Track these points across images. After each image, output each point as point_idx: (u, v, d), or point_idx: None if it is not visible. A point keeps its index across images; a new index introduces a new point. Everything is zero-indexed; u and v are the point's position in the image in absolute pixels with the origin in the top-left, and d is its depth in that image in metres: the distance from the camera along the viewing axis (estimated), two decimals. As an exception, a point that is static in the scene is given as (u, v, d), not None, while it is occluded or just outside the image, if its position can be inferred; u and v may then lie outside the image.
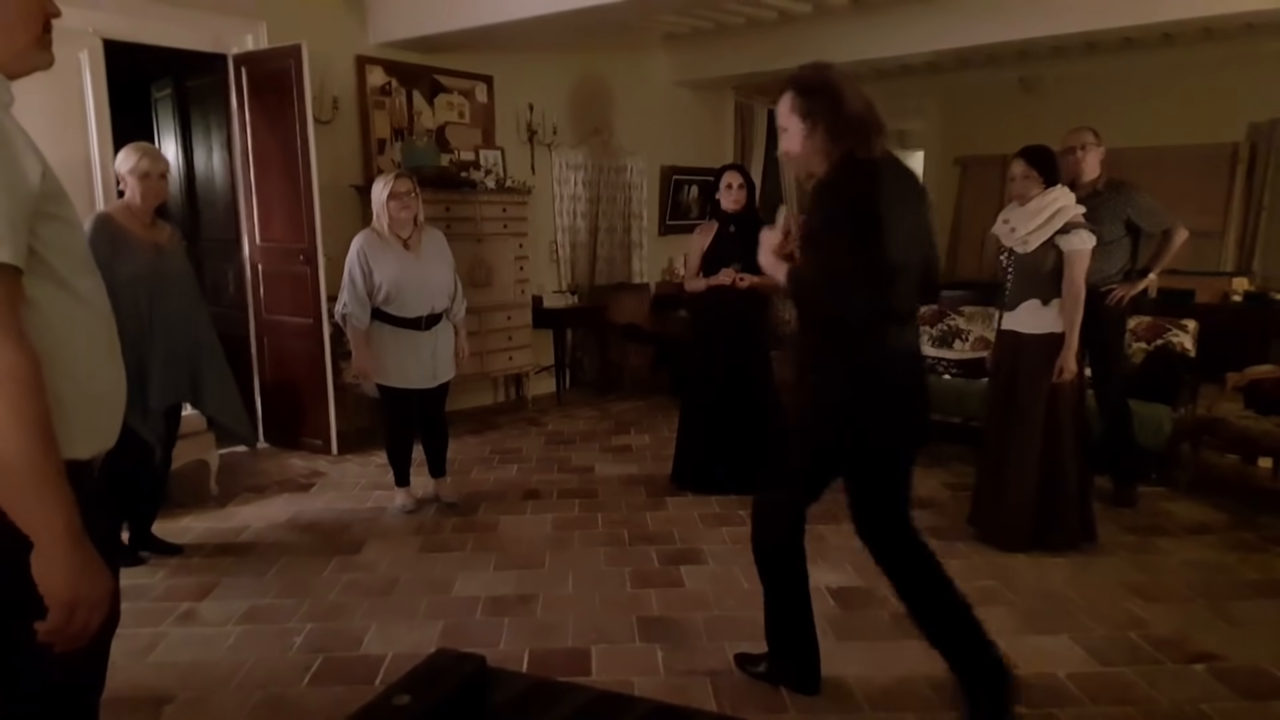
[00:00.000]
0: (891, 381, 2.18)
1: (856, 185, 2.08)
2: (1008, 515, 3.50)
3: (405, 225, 3.72)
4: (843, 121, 2.09)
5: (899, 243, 2.08)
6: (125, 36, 4.45)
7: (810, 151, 2.15)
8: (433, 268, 3.79)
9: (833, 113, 2.09)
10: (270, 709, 2.40)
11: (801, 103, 2.13)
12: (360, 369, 3.80)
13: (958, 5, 5.83)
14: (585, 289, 7.05)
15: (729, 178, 4.15)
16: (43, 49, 1.25)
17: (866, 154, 2.09)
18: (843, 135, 2.09)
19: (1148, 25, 5.51)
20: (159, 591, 3.18)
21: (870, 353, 2.15)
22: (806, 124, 2.12)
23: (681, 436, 4.40)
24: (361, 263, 3.68)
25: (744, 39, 6.91)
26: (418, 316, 3.76)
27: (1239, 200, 7.43)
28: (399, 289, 3.69)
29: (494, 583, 3.25)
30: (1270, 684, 2.52)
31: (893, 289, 2.10)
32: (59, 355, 1.18)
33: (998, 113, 8.29)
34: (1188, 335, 4.69)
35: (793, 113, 2.15)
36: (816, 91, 2.11)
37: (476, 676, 1.26)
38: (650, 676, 2.57)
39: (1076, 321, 3.34)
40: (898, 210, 2.08)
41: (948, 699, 2.41)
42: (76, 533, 1.14)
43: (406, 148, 5.63)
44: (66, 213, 1.23)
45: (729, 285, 4.01)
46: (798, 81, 2.16)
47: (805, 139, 2.14)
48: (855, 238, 2.04)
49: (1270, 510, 4.01)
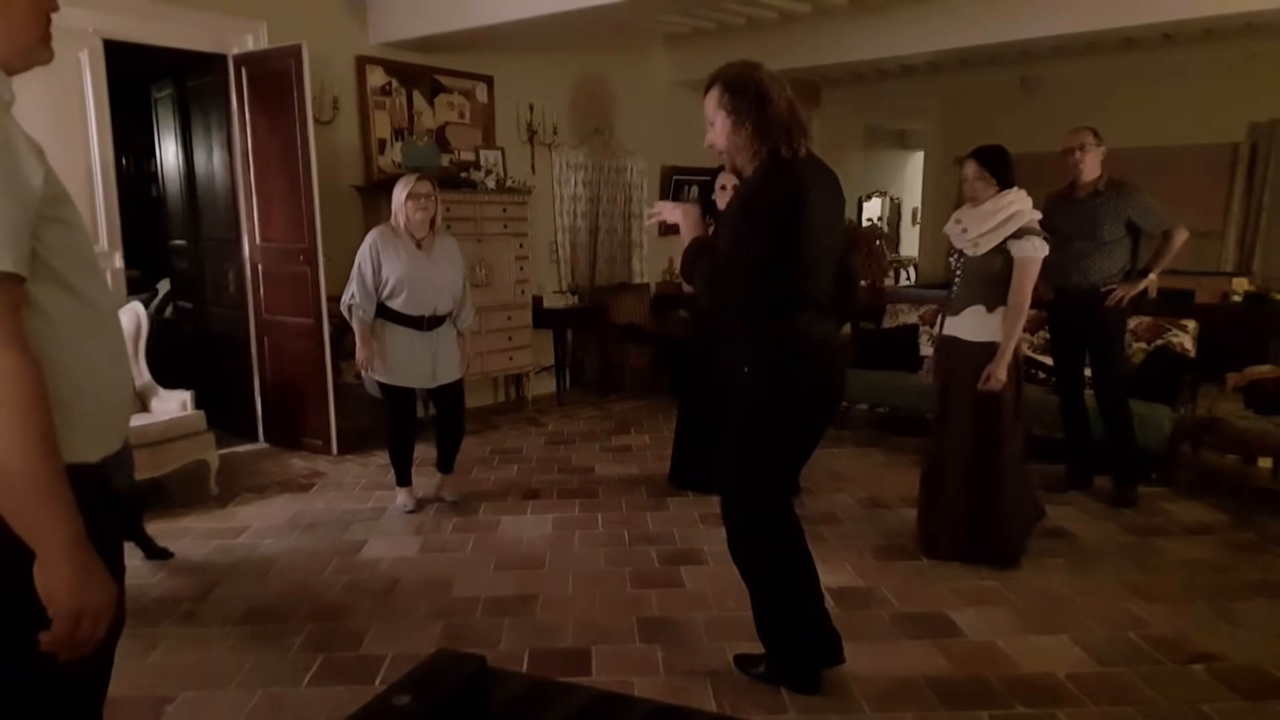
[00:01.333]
0: (808, 367, 2.28)
1: (775, 184, 2.16)
2: (944, 524, 3.40)
3: (421, 226, 3.76)
4: (766, 121, 2.17)
5: (816, 239, 2.19)
6: (125, 36, 4.45)
7: (735, 147, 2.24)
8: (441, 270, 3.83)
9: (758, 112, 2.17)
10: (270, 709, 2.40)
11: (729, 99, 2.21)
12: (363, 360, 3.84)
13: (958, 5, 5.84)
14: (585, 289, 7.05)
15: (723, 179, 4.12)
16: (44, 44, 1.24)
17: (789, 153, 2.18)
18: (767, 134, 2.17)
19: (1148, 25, 5.51)
20: (159, 591, 3.18)
21: (789, 339, 2.26)
22: (732, 120, 2.20)
23: (679, 437, 4.42)
24: (372, 256, 3.73)
25: (744, 39, 6.91)
26: (420, 316, 3.79)
27: (1239, 200, 7.43)
28: (405, 286, 3.73)
29: (494, 583, 3.26)
30: (1270, 684, 2.52)
31: (806, 281, 2.23)
32: (63, 358, 1.18)
33: (998, 113, 8.28)
34: (1188, 335, 4.69)
35: (719, 108, 2.23)
36: (743, 90, 2.18)
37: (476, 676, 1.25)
38: (650, 676, 2.57)
39: (1015, 332, 3.17)
40: (815, 210, 2.17)
41: (948, 699, 2.42)
42: (80, 541, 1.12)
43: (407, 148, 5.63)
44: (69, 215, 1.22)
45: None
46: (726, 78, 2.23)
47: (731, 134, 2.22)
48: (756, 235, 2.16)
49: (1270, 510, 4.01)
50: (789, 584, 2.43)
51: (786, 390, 2.27)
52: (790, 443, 2.37)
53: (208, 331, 5.55)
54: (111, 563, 1.22)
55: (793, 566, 2.43)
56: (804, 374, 2.28)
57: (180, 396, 4.19)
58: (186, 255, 5.74)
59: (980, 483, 3.30)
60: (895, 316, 5.84)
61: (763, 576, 2.45)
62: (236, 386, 5.19)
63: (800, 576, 2.45)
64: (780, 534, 2.42)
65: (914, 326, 5.62)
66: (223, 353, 5.35)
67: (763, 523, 2.41)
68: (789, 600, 2.44)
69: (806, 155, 2.23)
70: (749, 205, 2.22)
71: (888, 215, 11.29)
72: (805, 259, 2.20)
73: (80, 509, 1.13)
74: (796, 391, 2.28)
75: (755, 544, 2.43)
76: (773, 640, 2.48)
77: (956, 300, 3.37)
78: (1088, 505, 4.07)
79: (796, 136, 2.19)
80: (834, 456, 4.93)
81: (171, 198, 5.82)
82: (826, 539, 3.67)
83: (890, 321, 5.86)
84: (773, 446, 2.35)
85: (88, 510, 1.15)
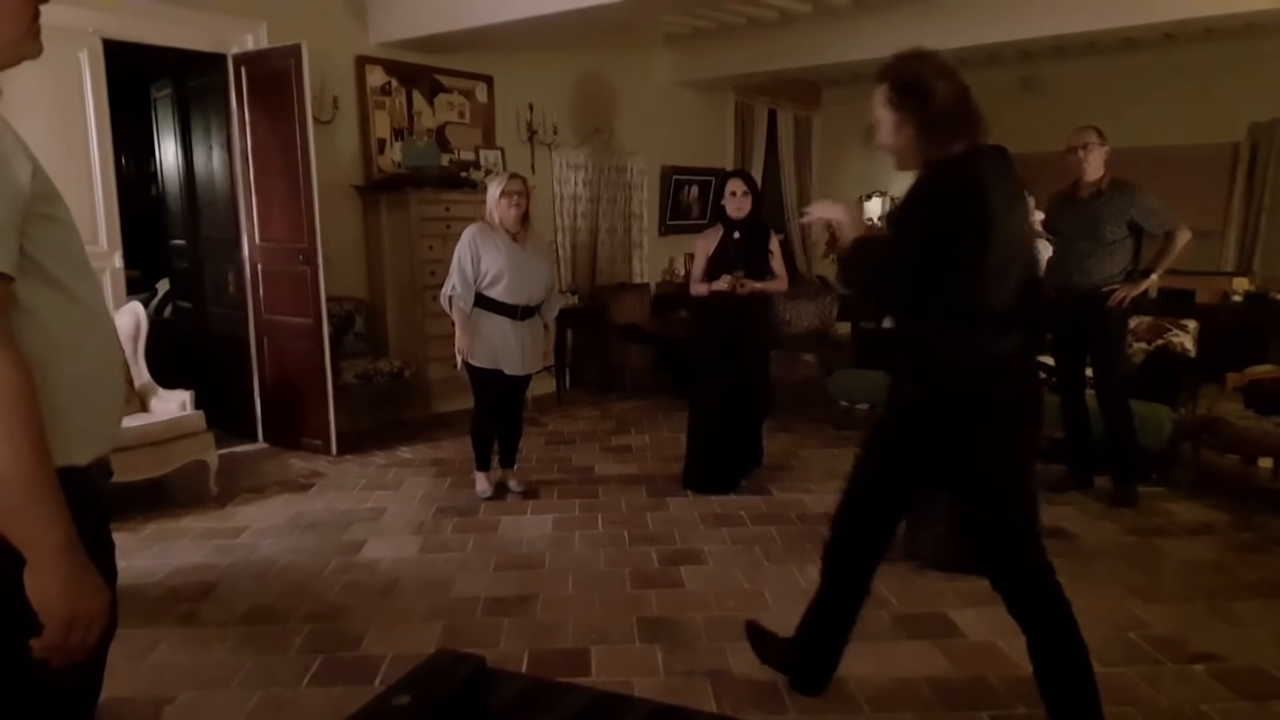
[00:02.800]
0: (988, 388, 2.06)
1: (945, 185, 1.99)
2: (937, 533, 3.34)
3: (514, 221, 3.98)
4: (932, 117, 2.00)
5: (993, 245, 1.96)
6: (125, 36, 4.45)
7: (902, 147, 2.08)
8: (539, 262, 4.08)
9: (920, 110, 2.00)
10: (270, 709, 2.40)
11: (893, 96, 2.05)
12: (463, 347, 4.01)
13: (958, 5, 5.83)
14: (585, 289, 7.05)
15: (732, 185, 4.20)
16: (32, 38, 1.20)
17: (962, 149, 2.00)
18: (932, 130, 2.01)
19: (1148, 25, 5.52)
20: (159, 591, 3.18)
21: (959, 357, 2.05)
22: (897, 118, 2.05)
23: (691, 439, 4.40)
24: (472, 250, 3.92)
25: (744, 39, 6.92)
26: (515, 305, 3.98)
27: (1239, 200, 7.44)
28: (505, 276, 3.92)
29: (494, 583, 3.25)
30: (1270, 684, 2.52)
31: (982, 293, 1.99)
32: (53, 357, 1.16)
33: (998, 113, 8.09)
34: (1188, 335, 4.69)
35: (885, 106, 2.07)
36: (907, 87, 2.02)
37: (476, 677, 1.25)
38: (650, 677, 2.57)
39: None
40: (993, 210, 1.95)
41: (948, 699, 2.42)
42: (72, 546, 1.10)
43: (407, 148, 5.63)
44: (59, 212, 1.19)
45: (729, 291, 4.09)
46: (891, 75, 2.07)
47: (895, 134, 2.07)
48: (921, 240, 1.96)
49: (1270, 510, 4.00)
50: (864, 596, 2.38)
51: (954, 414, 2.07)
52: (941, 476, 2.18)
53: (207, 331, 5.55)
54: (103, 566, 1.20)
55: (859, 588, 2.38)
56: (972, 397, 2.06)
57: (180, 396, 4.19)
58: (186, 255, 5.74)
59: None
60: (895, 316, 5.83)
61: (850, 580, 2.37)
62: (236, 386, 5.19)
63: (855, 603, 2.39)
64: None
65: (914, 326, 5.60)
66: (222, 353, 5.34)
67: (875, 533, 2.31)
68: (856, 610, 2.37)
69: (984, 148, 2.04)
70: (916, 207, 2.03)
71: (888, 215, 11.28)
72: (981, 268, 1.97)
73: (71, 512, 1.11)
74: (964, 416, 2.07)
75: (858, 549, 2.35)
76: (815, 637, 2.41)
77: None
78: (1088, 505, 4.07)
79: (968, 130, 2.02)
80: (834, 456, 4.93)
81: (171, 197, 5.81)
82: (826, 539, 3.67)
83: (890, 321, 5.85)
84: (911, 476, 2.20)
85: (78, 513, 1.12)
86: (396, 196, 5.41)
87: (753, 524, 3.87)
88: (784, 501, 4.18)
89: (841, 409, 5.64)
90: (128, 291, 4.68)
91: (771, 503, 4.16)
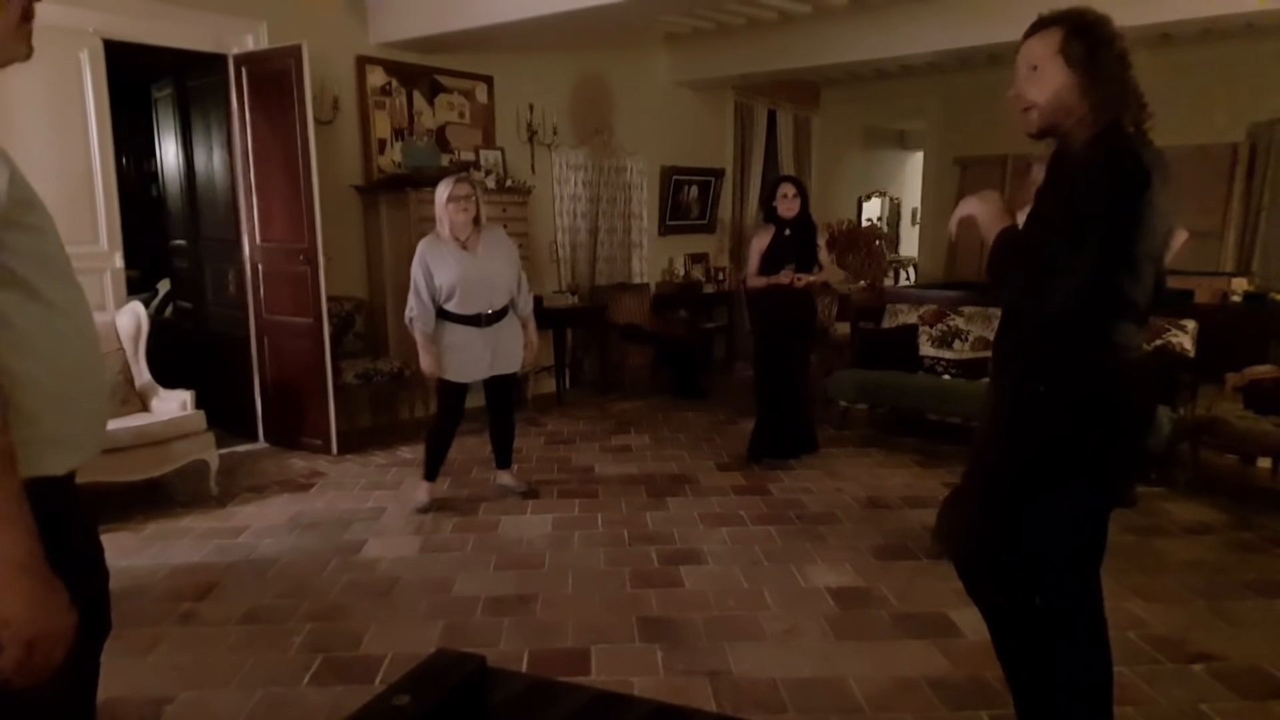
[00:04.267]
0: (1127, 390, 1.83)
1: (1122, 163, 1.70)
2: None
3: (464, 228, 3.83)
4: (1124, 86, 1.73)
5: (1152, 233, 1.75)
6: (125, 36, 4.45)
7: (1064, 108, 1.77)
8: (493, 266, 3.90)
9: (1116, 73, 1.72)
10: (270, 709, 2.41)
11: (1078, 48, 1.73)
12: (426, 370, 3.95)
13: (958, 5, 5.84)
14: (585, 289, 7.05)
15: (785, 188, 4.62)
16: (20, 40, 1.17)
17: (1135, 130, 1.75)
18: (1117, 102, 1.73)
19: (1148, 25, 5.51)
20: (159, 591, 3.18)
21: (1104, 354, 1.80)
22: (1076, 74, 1.74)
23: (760, 417, 4.80)
24: (423, 267, 3.82)
25: (744, 39, 6.92)
26: (477, 314, 3.88)
27: (1239, 200, 7.43)
28: (459, 288, 3.82)
29: (494, 583, 3.26)
30: (1270, 684, 2.52)
31: (1135, 284, 1.77)
32: (28, 367, 1.13)
33: (998, 113, 8.27)
34: (1187, 335, 4.69)
35: (1058, 54, 1.75)
36: (1100, 39, 1.73)
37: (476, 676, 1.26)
38: (650, 676, 2.57)
39: None
40: (1157, 198, 1.72)
41: (948, 699, 2.42)
42: (35, 563, 1.05)
43: (407, 148, 5.63)
44: (39, 220, 1.17)
45: (787, 284, 4.49)
46: (1079, 20, 1.76)
47: (1062, 91, 1.75)
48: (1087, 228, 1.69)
49: (1270, 510, 4.01)
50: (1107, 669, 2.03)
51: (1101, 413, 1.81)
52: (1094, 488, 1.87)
53: (208, 331, 5.55)
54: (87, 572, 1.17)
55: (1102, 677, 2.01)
56: (1125, 394, 1.82)
57: (180, 396, 4.19)
58: (186, 255, 5.74)
59: None
60: (895, 316, 5.84)
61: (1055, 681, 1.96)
62: (236, 386, 5.19)
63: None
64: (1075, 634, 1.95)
65: (913, 326, 5.61)
66: (223, 353, 5.35)
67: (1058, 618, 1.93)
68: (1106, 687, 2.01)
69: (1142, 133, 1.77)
70: (1090, 186, 1.71)
71: (887, 215, 11.29)
72: (1137, 256, 1.74)
73: (45, 523, 1.07)
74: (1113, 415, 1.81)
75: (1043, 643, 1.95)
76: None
77: None
78: (1087, 505, 4.07)
79: (1141, 113, 1.76)
80: (834, 456, 4.93)
81: (171, 198, 5.82)
82: (826, 539, 3.67)
83: (890, 321, 5.85)
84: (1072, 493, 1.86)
85: (53, 524, 1.09)
86: (396, 197, 5.41)
87: (753, 524, 3.87)
88: (784, 501, 4.18)
89: (841, 409, 5.64)
90: (128, 291, 4.68)
91: (771, 503, 4.16)
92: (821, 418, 5.64)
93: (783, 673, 2.56)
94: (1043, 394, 1.83)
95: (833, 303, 7.48)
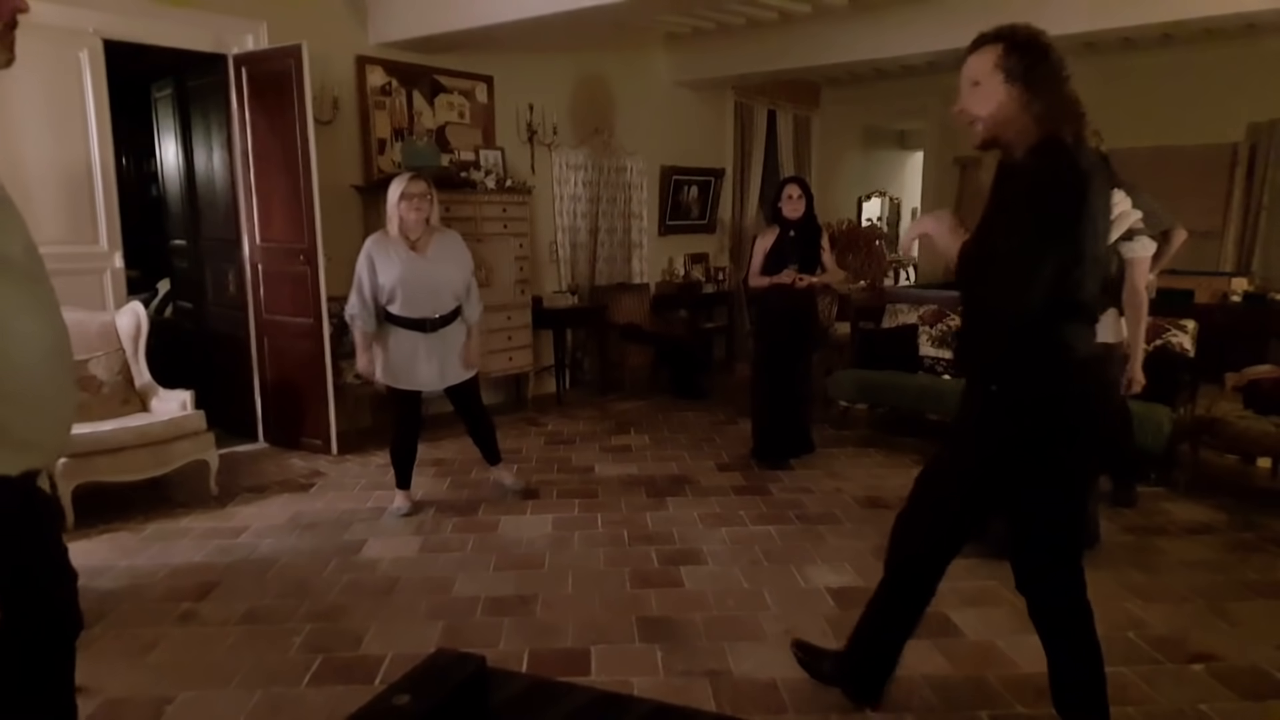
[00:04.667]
0: (1083, 389, 1.95)
1: (1063, 169, 1.81)
2: None
3: (416, 227, 3.72)
4: (1061, 98, 1.84)
5: (1095, 234, 1.87)
6: (125, 36, 4.45)
7: (1006, 120, 1.87)
8: (441, 269, 3.78)
9: (1052, 85, 1.83)
10: (270, 709, 2.41)
11: (1016, 63, 1.83)
12: (362, 370, 3.85)
13: (958, 5, 5.83)
14: (585, 289, 7.05)
15: (789, 190, 4.61)
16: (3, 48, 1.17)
17: (1071, 138, 1.84)
18: (1055, 113, 1.83)
19: (1148, 25, 5.51)
20: (159, 591, 3.18)
21: (1057, 353, 1.91)
22: (1016, 88, 1.84)
23: (759, 418, 4.79)
24: (367, 265, 3.71)
25: (744, 39, 6.92)
26: (422, 318, 3.76)
27: (1239, 200, 7.43)
28: (403, 290, 3.70)
29: (494, 583, 3.26)
30: (1270, 684, 2.52)
31: (1084, 283, 1.88)
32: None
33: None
34: (1187, 335, 4.69)
35: (997, 70, 1.85)
36: (1036, 54, 1.84)
37: (476, 676, 1.26)
38: (650, 676, 2.57)
39: (1142, 331, 3.20)
40: (1095, 201, 1.85)
41: (948, 699, 2.42)
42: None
43: (407, 148, 5.63)
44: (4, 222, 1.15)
45: (789, 284, 4.49)
46: (1015, 37, 1.86)
47: (1003, 105, 1.85)
48: (1042, 231, 1.80)
49: (1270, 510, 4.01)
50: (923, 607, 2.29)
51: (1043, 415, 1.94)
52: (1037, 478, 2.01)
53: (208, 331, 5.55)
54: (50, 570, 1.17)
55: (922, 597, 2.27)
56: (1068, 397, 1.94)
57: (180, 396, 4.19)
58: (186, 255, 5.74)
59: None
60: (895, 316, 5.84)
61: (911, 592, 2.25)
62: (236, 386, 5.19)
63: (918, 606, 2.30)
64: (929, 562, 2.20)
65: (914, 326, 5.62)
66: (223, 353, 5.35)
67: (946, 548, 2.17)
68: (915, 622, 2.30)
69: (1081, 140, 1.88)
70: (1038, 193, 1.82)
71: (887, 215, 11.29)
72: (1079, 257, 1.85)
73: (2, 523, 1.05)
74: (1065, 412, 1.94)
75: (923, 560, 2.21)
76: (871, 647, 2.33)
77: None
78: (1087, 505, 4.08)
79: (1079, 122, 1.87)
80: (834, 456, 4.93)
81: (171, 197, 5.82)
82: (826, 539, 3.67)
83: (890, 321, 5.86)
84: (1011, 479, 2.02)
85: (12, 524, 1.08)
86: (396, 196, 5.40)
87: (752, 524, 3.87)
88: (784, 501, 4.18)
89: (841, 409, 5.63)
90: (128, 291, 4.68)
91: (771, 503, 4.16)
92: (821, 418, 5.64)
93: (783, 673, 2.55)
94: (995, 393, 1.97)
95: (833, 303, 7.48)
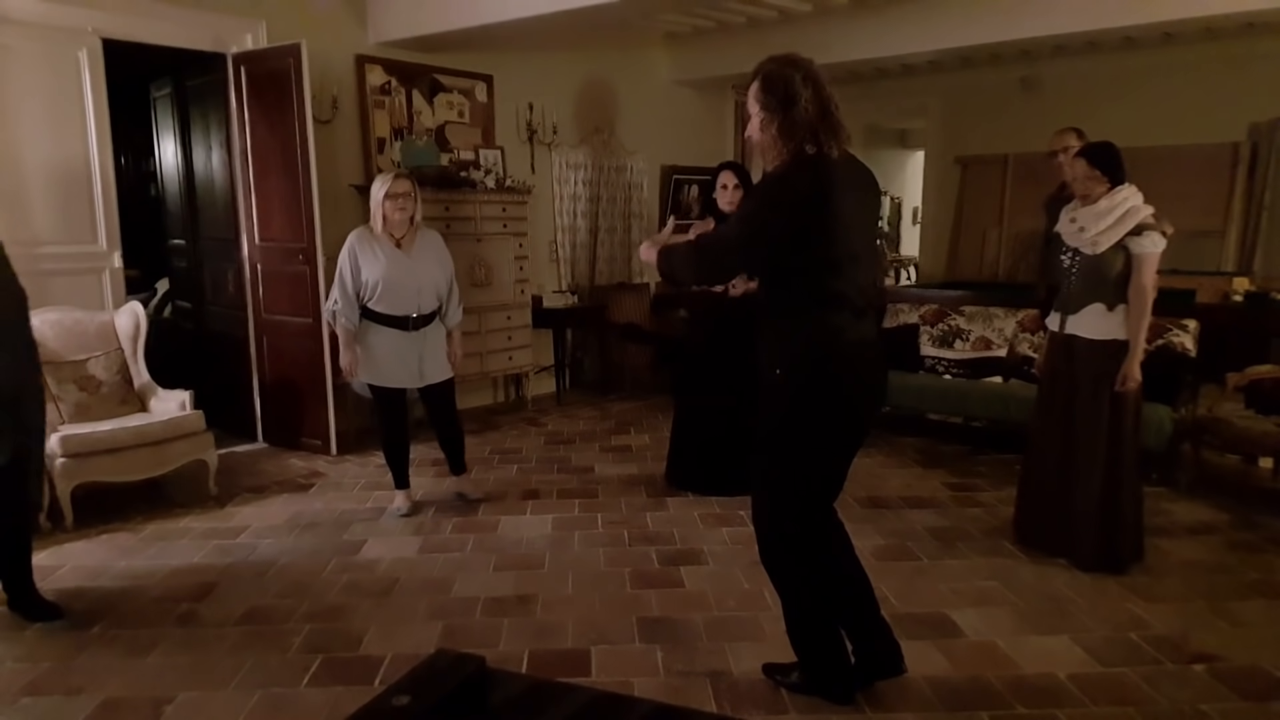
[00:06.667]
0: (842, 372, 2.22)
1: (795, 177, 2.16)
2: (1078, 529, 3.34)
3: (400, 226, 3.73)
4: (792, 121, 2.15)
5: (842, 238, 2.17)
6: (125, 36, 4.45)
7: (764, 143, 2.24)
8: (424, 269, 3.79)
9: (785, 111, 2.16)
10: (269, 709, 2.40)
11: (761, 95, 2.21)
12: (345, 366, 3.83)
13: (958, 5, 5.83)
14: (585, 289, 7.04)
15: (724, 178, 4.11)
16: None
17: (815, 152, 2.15)
18: (793, 133, 2.16)
19: (1148, 25, 5.51)
20: (158, 592, 3.17)
21: (822, 339, 2.21)
22: (763, 116, 2.20)
23: (676, 436, 4.41)
24: (351, 261, 3.71)
25: (744, 38, 6.90)
26: (404, 315, 3.76)
27: (1239, 200, 7.42)
28: (385, 287, 3.70)
29: (494, 583, 3.25)
30: (1270, 684, 2.52)
31: (837, 279, 2.20)
32: None
33: (998, 112, 8.28)
34: (1188, 335, 4.68)
35: (754, 101, 2.24)
36: (773, 88, 2.18)
37: (476, 677, 1.25)
38: (650, 677, 2.56)
39: (1144, 328, 3.20)
40: (840, 207, 2.15)
41: (948, 699, 2.41)
42: None
43: (406, 147, 5.62)
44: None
45: (720, 293, 4.01)
46: (764, 74, 2.23)
47: (760, 130, 2.23)
48: (763, 221, 2.19)
49: (1271, 510, 4.00)
50: (820, 601, 2.36)
51: (820, 393, 2.22)
52: (823, 452, 2.29)
53: (207, 331, 5.55)
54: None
55: (826, 584, 2.36)
56: (838, 376, 2.22)
57: (179, 396, 4.19)
58: (185, 255, 5.74)
59: (1112, 482, 3.27)
60: (895, 316, 5.84)
61: (791, 591, 2.38)
62: (235, 386, 5.19)
63: (839, 590, 2.39)
64: (808, 555, 2.34)
65: (914, 326, 5.61)
66: (222, 353, 5.34)
67: (791, 543, 2.35)
68: (820, 616, 2.37)
69: (839, 155, 2.18)
70: (763, 192, 2.26)
71: (888, 215, 11.29)
72: (833, 256, 2.18)
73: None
74: (830, 394, 2.22)
75: (783, 561, 2.37)
76: (804, 651, 2.41)
77: (1074, 299, 3.34)
78: (1088, 505, 4.07)
79: (826, 138, 2.15)
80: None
81: (170, 197, 5.81)
82: (826, 539, 3.67)
83: (890, 321, 5.85)
84: (804, 455, 2.27)
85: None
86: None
87: (752, 524, 3.86)
88: (784, 501, 4.17)
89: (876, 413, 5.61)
90: (127, 291, 4.67)
91: (771, 503, 4.15)
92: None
93: (783, 673, 2.55)
94: (778, 375, 2.26)
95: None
